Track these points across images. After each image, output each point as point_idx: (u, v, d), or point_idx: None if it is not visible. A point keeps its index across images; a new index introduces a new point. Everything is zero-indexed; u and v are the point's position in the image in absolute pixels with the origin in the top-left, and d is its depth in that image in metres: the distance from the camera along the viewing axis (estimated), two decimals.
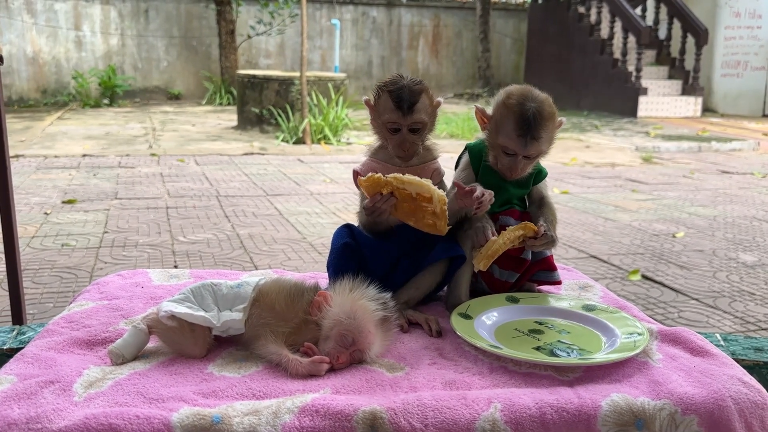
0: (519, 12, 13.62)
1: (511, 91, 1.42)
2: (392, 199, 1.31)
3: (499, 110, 1.42)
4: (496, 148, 1.42)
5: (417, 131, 1.40)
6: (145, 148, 6.76)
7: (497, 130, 1.41)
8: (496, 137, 1.42)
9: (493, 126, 1.43)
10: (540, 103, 1.38)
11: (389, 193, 1.30)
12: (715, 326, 2.51)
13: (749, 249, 3.57)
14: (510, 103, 1.40)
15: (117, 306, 1.45)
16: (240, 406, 1.03)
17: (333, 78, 8.01)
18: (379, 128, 1.44)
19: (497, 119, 1.42)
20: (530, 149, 1.39)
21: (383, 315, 1.23)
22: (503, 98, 1.43)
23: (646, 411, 1.06)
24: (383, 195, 1.31)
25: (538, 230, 1.41)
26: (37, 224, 3.78)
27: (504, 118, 1.40)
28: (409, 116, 1.37)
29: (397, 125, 1.39)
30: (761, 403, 1.10)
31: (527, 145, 1.38)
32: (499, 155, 1.42)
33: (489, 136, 1.45)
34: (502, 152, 1.41)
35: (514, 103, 1.39)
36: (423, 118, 1.39)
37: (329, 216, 4.13)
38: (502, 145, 1.40)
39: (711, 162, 6.76)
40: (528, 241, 1.42)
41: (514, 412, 1.04)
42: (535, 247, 1.44)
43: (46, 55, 11.08)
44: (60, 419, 0.99)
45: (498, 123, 1.41)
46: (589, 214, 4.34)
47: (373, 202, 1.31)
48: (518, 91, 1.41)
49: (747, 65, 11.07)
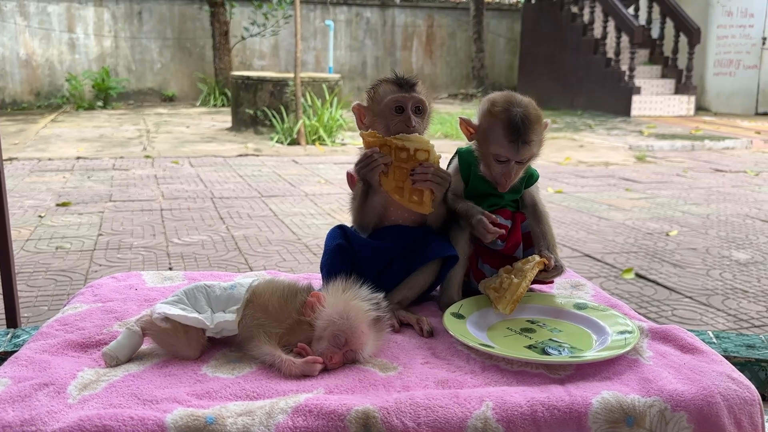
0: (512, 12, 13.65)
1: (494, 99, 1.43)
2: (387, 157, 1.33)
3: (486, 119, 1.42)
4: (487, 157, 1.42)
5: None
6: (140, 150, 6.76)
7: (486, 140, 1.41)
8: (486, 146, 1.41)
9: (482, 136, 1.42)
10: (525, 107, 1.39)
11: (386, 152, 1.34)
12: (709, 324, 2.52)
13: (742, 247, 3.59)
14: (496, 110, 1.40)
15: (111, 308, 1.45)
16: (233, 407, 1.04)
17: (327, 79, 8.02)
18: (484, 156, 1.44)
19: (485, 128, 1.41)
20: (522, 154, 1.39)
21: (376, 315, 1.24)
22: (488, 107, 1.42)
23: (636, 408, 1.07)
24: (379, 152, 1.34)
25: (548, 264, 1.43)
26: (31, 227, 3.78)
27: (492, 126, 1.40)
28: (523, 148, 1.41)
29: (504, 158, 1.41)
30: (750, 399, 1.11)
31: (519, 151, 1.38)
32: (491, 164, 1.42)
33: (479, 146, 1.44)
34: (494, 161, 1.41)
35: (500, 110, 1.39)
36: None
37: (324, 217, 4.13)
38: (494, 154, 1.40)
39: (704, 160, 6.78)
40: (541, 275, 1.44)
41: (505, 410, 1.04)
42: (548, 278, 1.47)
43: (39, 58, 11.06)
44: (54, 421, 1.00)
45: (486, 132, 1.41)
46: (583, 213, 4.36)
47: (368, 155, 1.33)
48: (502, 98, 1.42)
49: (740, 64, 11.12)
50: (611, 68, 10.46)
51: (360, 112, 1.45)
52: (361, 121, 1.46)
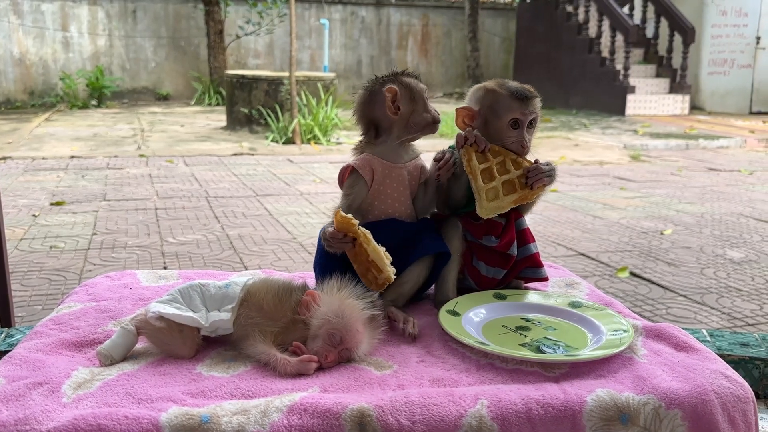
0: (507, 11, 13.66)
1: (484, 84, 1.50)
2: (350, 246, 1.31)
3: (488, 97, 1.47)
4: (499, 131, 1.45)
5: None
6: (134, 149, 6.74)
7: (495, 113, 1.45)
8: (497, 120, 1.45)
9: (488, 112, 1.46)
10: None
11: (351, 239, 1.31)
12: (703, 322, 2.53)
13: (736, 245, 3.60)
14: (493, 86, 1.47)
15: (105, 307, 1.45)
16: (229, 406, 1.04)
17: (322, 78, 8.01)
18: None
19: (489, 105, 1.46)
20: (531, 107, 1.45)
21: (371, 314, 1.24)
22: (483, 89, 1.49)
23: (630, 406, 1.07)
24: (346, 237, 1.31)
25: (532, 163, 1.45)
26: (25, 226, 3.77)
27: (496, 98, 1.45)
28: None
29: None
30: (744, 396, 1.11)
31: (529, 105, 1.44)
32: (504, 136, 1.45)
33: (485, 127, 1.47)
34: (508, 128, 1.44)
35: (497, 84, 1.47)
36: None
37: (319, 216, 4.13)
38: (508, 121, 1.44)
39: (698, 159, 6.81)
40: (530, 175, 1.43)
41: (500, 408, 1.05)
42: (540, 178, 1.43)
43: (33, 56, 11.02)
44: (49, 420, 0.99)
45: (492, 106, 1.46)
46: (578, 212, 4.37)
47: (334, 237, 1.32)
48: (490, 81, 1.50)
49: (734, 63, 11.16)
50: (606, 67, 10.48)
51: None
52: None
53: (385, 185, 1.45)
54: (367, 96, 1.47)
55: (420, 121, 1.45)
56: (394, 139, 1.46)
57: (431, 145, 1.45)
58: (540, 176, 1.43)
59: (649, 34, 11.21)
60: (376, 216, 1.45)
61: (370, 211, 1.45)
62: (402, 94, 1.43)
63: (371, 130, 1.48)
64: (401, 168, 1.46)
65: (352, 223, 1.29)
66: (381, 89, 1.44)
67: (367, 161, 1.44)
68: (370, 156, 1.45)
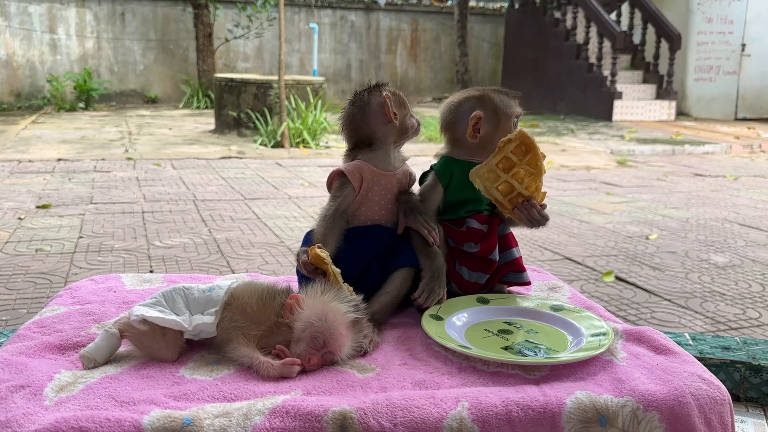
0: (496, 17, 13.73)
1: (467, 95, 1.55)
2: (321, 277, 1.33)
3: (487, 101, 1.51)
4: (508, 129, 1.49)
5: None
6: (121, 152, 6.71)
7: (504, 113, 1.51)
8: (506, 120, 1.51)
9: (495, 114, 1.50)
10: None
11: (322, 272, 1.33)
12: (687, 326, 2.55)
13: (720, 250, 3.64)
14: (481, 93, 1.53)
15: (89, 311, 1.45)
16: (211, 408, 1.04)
17: (311, 81, 8.02)
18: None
19: (494, 107, 1.50)
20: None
21: (354, 317, 1.25)
22: (475, 98, 1.52)
23: (609, 408, 1.09)
24: (317, 270, 1.33)
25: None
26: (10, 229, 3.74)
27: (496, 100, 1.51)
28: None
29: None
30: (720, 399, 1.13)
31: (518, 102, 1.54)
32: (507, 133, 1.48)
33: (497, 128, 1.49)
34: (513, 125, 1.51)
35: (484, 90, 1.54)
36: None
37: (307, 220, 4.13)
38: (514, 116, 1.52)
39: (684, 165, 6.86)
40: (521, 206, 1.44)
41: (480, 410, 1.06)
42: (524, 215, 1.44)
43: (20, 59, 10.95)
44: (30, 423, 1.00)
45: (497, 108, 1.51)
46: (564, 217, 4.39)
47: (306, 266, 1.35)
48: (467, 91, 1.58)
49: (719, 70, 11.27)
50: (593, 73, 10.56)
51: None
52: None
53: (372, 192, 1.46)
54: (358, 110, 1.47)
55: (410, 125, 1.50)
56: (389, 144, 1.48)
57: (419, 149, 1.46)
58: (525, 214, 1.44)
59: (636, 41, 11.30)
60: (361, 221, 1.46)
61: (356, 217, 1.46)
62: (393, 100, 1.46)
63: (362, 144, 1.49)
64: (391, 176, 1.48)
65: (325, 261, 1.32)
66: (372, 100, 1.45)
67: (357, 167, 1.45)
68: (361, 162, 1.46)
